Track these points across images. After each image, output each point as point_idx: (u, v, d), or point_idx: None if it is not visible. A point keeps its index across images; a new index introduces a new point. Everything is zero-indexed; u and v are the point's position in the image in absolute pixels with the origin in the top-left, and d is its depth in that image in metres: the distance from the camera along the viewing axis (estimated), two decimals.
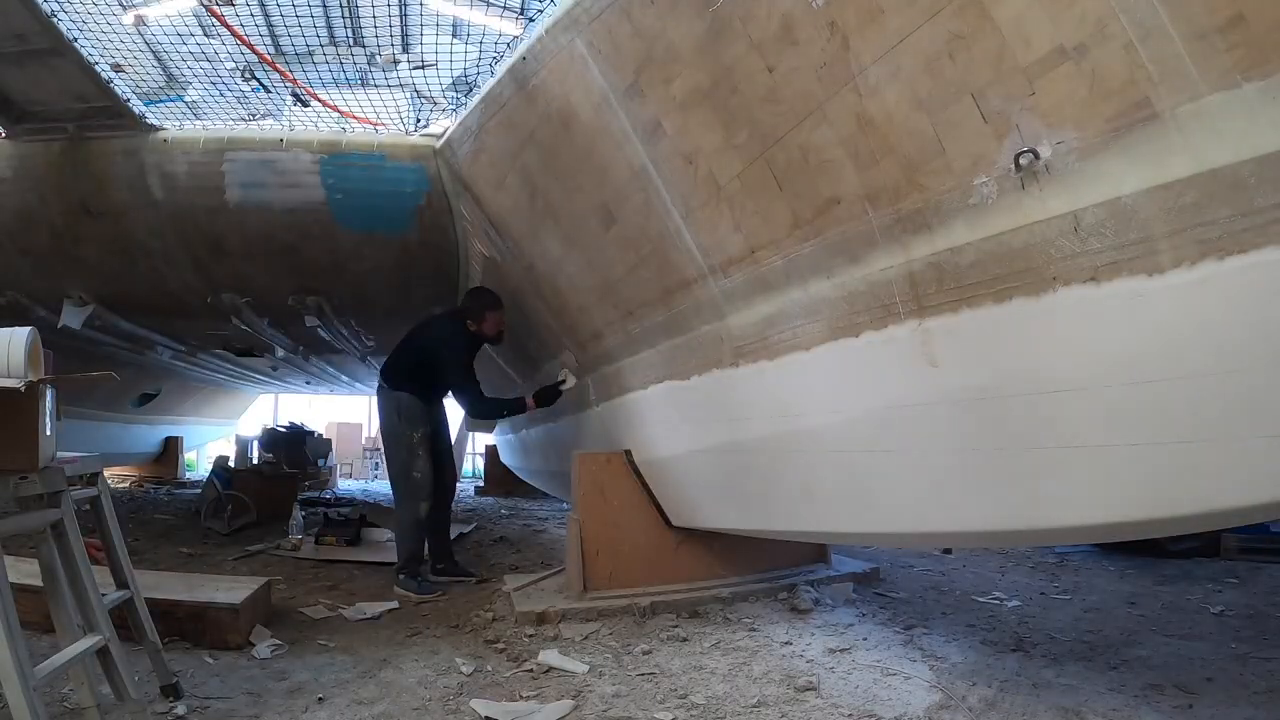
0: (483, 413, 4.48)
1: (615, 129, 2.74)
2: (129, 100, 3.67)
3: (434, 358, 4.06)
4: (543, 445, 6.37)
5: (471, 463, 13.87)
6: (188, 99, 4.84)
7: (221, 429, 13.47)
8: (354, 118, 4.23)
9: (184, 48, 4.81)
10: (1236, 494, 1.60)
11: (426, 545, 4.21)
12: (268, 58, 4.45)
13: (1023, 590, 3.89)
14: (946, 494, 2.19)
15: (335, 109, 4.34)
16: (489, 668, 2.75)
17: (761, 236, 2.49)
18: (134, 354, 6.97)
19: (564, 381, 4.16)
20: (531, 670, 2.69)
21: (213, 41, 4.84)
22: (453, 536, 5.71)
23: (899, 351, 2.12)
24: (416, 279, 4.85)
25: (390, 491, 4.64)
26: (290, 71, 4.62)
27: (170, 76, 5.00)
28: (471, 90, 3.58)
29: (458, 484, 5.09)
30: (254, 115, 4.63)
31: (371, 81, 5.22)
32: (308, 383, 11.14)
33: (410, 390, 4.07)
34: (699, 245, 2.76)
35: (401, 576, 3.97)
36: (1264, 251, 1.42)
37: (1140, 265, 1.59)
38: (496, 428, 9.89)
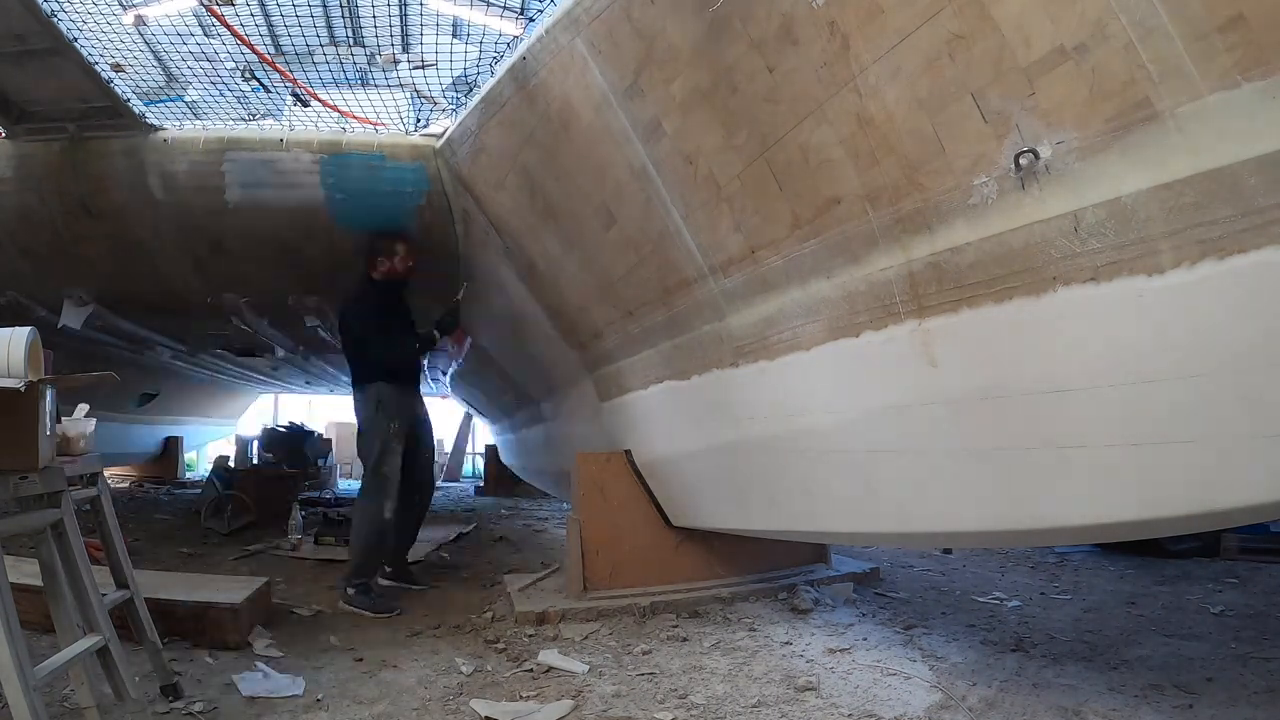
0: (400, 359, 3.99)
1: (615, 129, 2.74)
2: (129, 100, 3.66)
3: (359, 327, 3.84)
4: (542, 445, 6.37)
5: (471, 463, 13.86)
6: (188, 99, 4.84)
7: (221, 429, 13.45)
8: (354, 118, 4.22)
9: (184, 48, 4.80)
10: (1236, 494, 1.60)
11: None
12: (268, 58, 4.44)
13: (1023, 590, 3.89)
14: (946, 494, 2.19)
15: (335, 109, 4.33)
16: (489, 668, 2.75)
17: (761, 236, 2.49)
18: (134, 354, 6.97)
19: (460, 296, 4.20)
20: (531, 670, 2.70)
21: (213, 41, 4.83)
22: (453, 537, 5.70)
23: (899, 351, 2.12)
24: (416, 279, 4.84)
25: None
26: (290, 71, 4.61)
27: (170, 76, 4.99)
28: (471, 90, 3.58)
29: (433, 489, 4.68)
30: (254, 115, 4.63)
31: (371, 81, 5.21)
32: (308, 383, 11.13)
33: (381, 379, 3.80)
34: (699, 245, 2.76)
35: (350, 590, 3.50)
36: (1264, 251, 1.42)
37: (1141, 265, 1.59)
38: (495, 427, 9.88)
